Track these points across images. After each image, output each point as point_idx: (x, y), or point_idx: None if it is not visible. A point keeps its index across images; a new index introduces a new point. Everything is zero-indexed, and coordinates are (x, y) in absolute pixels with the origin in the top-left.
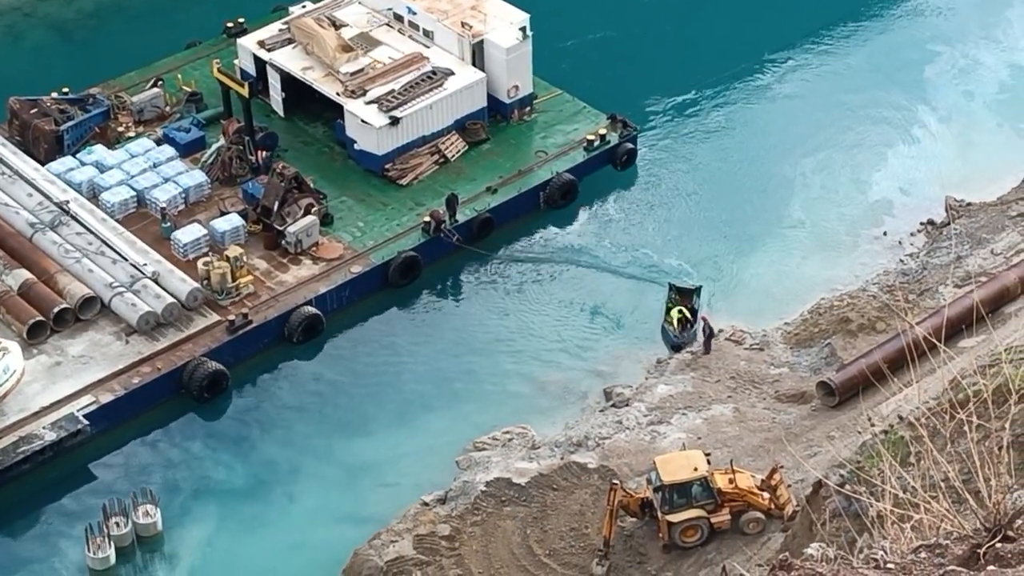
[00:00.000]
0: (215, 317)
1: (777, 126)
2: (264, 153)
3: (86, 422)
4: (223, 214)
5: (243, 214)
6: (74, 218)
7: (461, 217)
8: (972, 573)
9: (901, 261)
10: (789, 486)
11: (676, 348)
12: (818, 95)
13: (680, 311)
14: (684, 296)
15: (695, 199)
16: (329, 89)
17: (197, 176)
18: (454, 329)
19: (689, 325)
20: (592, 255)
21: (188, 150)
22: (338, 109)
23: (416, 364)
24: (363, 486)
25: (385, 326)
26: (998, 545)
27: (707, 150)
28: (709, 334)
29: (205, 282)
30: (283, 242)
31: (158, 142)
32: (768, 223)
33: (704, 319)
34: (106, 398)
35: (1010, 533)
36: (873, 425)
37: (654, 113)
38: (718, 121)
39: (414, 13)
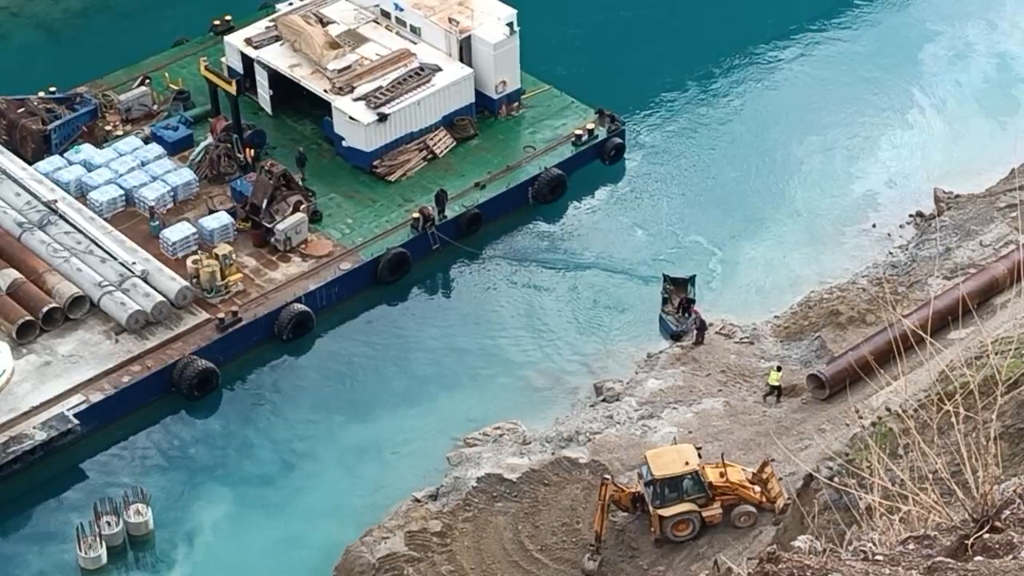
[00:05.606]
0: (204, 315)
1: (765, 120)
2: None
3: (76, 421)
4: (212, 212)
5: (232, 212)
6: (62, 217)
7: (450, 213)
8: (960, 564)
9: (890, 253)
10: (780, 479)
11: (675, 337)
12: (806, 88)
13: (777, 368)
14: (678, 286)
15: (683, 193)
16: (317, 86)
17: (185, 174)
18: (443, 325)
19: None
20: (580, 250)
21: (176, 148)
22: (326, 106)
23: (406, 360)
24: (354, 483)
25: (374, 323)
26: (986, 536)
27: (695, 144)
28: (700, 326)
29: (194, 280)
30: (272, 239)
31: (146, 140)
32: (756, 217)
33: (696, 312)
34: (96, 397)
35: (998, 524)
36: (862, 418)
37: (642, 107)
38: (706, 115)
39: (401, 9)
